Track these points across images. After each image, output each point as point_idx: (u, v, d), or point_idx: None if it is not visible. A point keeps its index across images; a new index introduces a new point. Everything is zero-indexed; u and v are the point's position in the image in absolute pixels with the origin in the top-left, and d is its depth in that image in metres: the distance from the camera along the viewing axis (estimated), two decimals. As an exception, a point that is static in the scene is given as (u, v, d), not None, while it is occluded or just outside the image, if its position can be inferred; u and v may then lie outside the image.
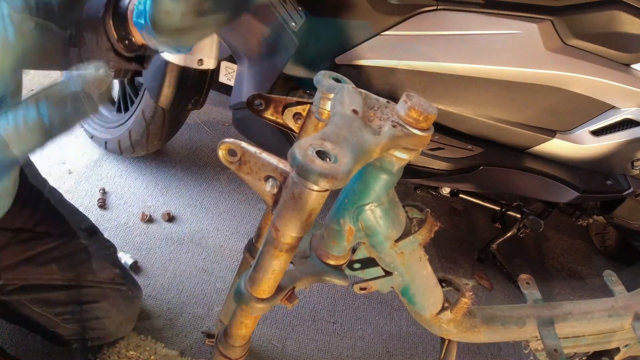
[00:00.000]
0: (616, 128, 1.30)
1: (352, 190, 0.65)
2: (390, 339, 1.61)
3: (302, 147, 0.44)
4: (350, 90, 0.58)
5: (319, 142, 0.45)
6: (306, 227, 0.51)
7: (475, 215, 2.15)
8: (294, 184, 0.48)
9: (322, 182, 0.43)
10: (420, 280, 0.79)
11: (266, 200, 0.57)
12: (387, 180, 0.63)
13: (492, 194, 1.76)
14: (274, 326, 1.54)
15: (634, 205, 1.60)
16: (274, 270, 0.56)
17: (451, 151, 1.30)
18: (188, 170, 1.93)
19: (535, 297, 1.02)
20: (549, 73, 1.18)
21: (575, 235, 2.20)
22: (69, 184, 1.76)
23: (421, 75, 1.17)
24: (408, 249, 0.71)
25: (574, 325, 0.97)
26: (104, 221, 1.68)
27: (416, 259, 0.75)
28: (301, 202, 0.48)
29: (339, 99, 0.56)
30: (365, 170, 0.63)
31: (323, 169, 0.42)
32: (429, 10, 1.15)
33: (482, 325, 0.93)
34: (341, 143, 0.47)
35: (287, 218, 0.50)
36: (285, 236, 0.51)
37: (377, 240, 0.70)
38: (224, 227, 1.78)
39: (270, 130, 1.27)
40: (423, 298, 0.83)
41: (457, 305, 0.86)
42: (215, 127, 2.15)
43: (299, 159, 0.43)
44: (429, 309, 0.86)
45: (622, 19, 1.16)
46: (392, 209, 0.67)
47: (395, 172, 0.62)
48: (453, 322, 0.90)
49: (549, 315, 0.96)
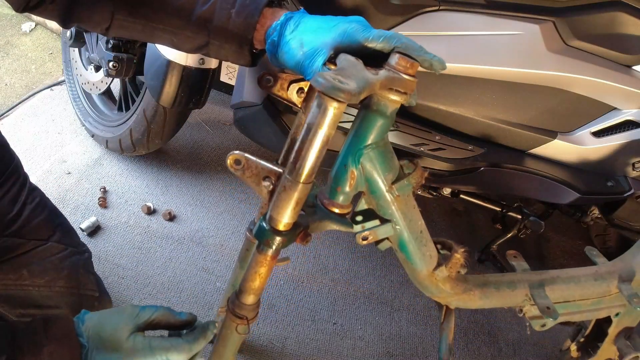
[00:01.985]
0: (617, 129, 1.30)
1: (353, 136, 0.77)
2: (390, 339, 1.61)
3: (324, 75, 0.58)
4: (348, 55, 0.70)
5: (335, 74, 0.60)
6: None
7: (475, 215, 2.15)
8: (285, 179, 0.65)
9: (342, 95, 0.57)
10: (416, 228, 0.87)
11: (263, 197, 0.71)
12: (383, 123, 0.75)
13: (492, 194, 1.76)
14: (274, 326, 1.54)
15: (634, 206, 1.60)
16: (294, 201, 0.67)
17: (452, 152, 1.30)
18: (189, 169, 1.93)
19: (524, 267, 1.08)
20: (550, 74, 1.18)
21: (576, 236, 2.20)
22: (70, 183, 1.77)
23: (422, 75, 1.17)
24: (403, 192, 0.81)
25: (563, 288, 1.04)
26: (105, 220, 1.68)
27: (411, 207, 0.85)
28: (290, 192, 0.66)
29: (343, 55, 0.69)
30: (364, 116, 0.76)
31: (343, 85, 0.58)
32: (430, 11, 1.15)
33: (477, 288, 0.99)
34: (350, 77, 0.61)
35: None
36: (304, 168, 0.65)
37: (375, 184, 0.80)
38: (224, 226, 1.78)
39: (270, 129, 1.27)
40: (419, 251, 0.89)
41: (451, 261, 0.92)
42: (217, 126, 2.15)
43: (324, 80, 0.57)
44: (425, 265, 0.91)
45: (624, 21, 1.16)
46: (387, 153, 0.79)
47: (389, 115, 0.74)
48: (449, 281, 0.95)
49: (539, 279, 1.04)
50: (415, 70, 0.70)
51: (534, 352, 1.72)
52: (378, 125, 0.75)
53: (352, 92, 0.58)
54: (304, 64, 0.72)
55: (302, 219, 0.73)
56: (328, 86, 0.57)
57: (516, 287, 1.01)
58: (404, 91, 0.71)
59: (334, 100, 0.59)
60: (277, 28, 0.76)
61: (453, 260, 0.92)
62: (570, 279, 1.05)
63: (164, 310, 0.73)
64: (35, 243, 1.04)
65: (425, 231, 0.90)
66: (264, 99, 1.24)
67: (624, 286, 1.05)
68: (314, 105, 0.63)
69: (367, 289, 1.74)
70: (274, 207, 0.68)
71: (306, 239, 0.73)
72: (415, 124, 1.28)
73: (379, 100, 0.73)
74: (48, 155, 1.85)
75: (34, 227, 1.05)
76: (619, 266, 1.10)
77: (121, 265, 1.57)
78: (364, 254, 1.84)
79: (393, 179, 0.80)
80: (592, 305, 1.07)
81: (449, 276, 0.95)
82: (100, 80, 1.81)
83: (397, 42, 0.70)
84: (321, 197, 0.80)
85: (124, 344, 0.68)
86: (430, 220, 2.07)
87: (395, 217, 0.83)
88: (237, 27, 0.78)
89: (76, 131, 1.96)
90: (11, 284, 1.02)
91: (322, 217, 0.78)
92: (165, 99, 1.46)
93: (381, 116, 0.74)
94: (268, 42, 0.77)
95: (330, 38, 0.71)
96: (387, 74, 0.68)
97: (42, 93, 2.11)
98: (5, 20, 2.49)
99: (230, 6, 0.78)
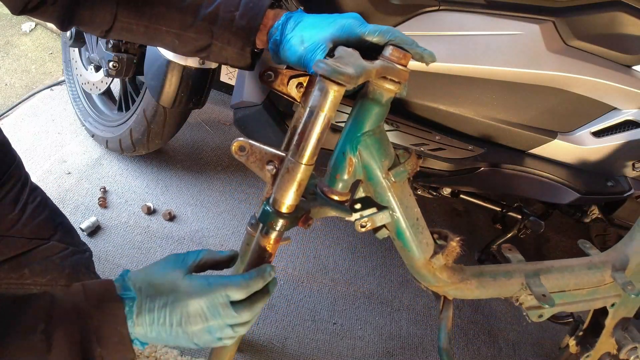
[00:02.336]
0: (617, 129, 1.30)
1: (351, 125, 0.81)
2: (390, 339, 1.61)
3: (325, 61, 0.63)
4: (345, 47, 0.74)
5: (335, 61, 0.65)
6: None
7: (475, 215, 2.15)
8: (288, 161, 0.69)
9: (342, 77, 0.61)
10: (412, 215, 0.89)
11: (267, 180, 0.74)
12: (378, 110, 0.79)
13: (492, 194, 1.76)
14: (274, 326, 1.54)
15: (634, 206, 1.60)
16: (297, 182, 0.70)
17: (452, 152, 1.30)
18: (189, 169, 1.93)
19: (519, 259, 1.10)
20: (550, 74, 1.18)
21: (576, 236, 2.20)
22: (70, 183, 1.77)
23: (422, 75, 1.17)
24: (399, 178, 0.84)
25: (558, 277, 1.05)
26: (105, 220, 1.68)
27: (407, 193, 0.88)
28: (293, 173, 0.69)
29: (341, 47, 0.73)
30: (360, 104, 0.80)
31: (342, 69, 0.62)
32: (430, 11, 1.15)
33: (473, 278, 1.01)
34: (348, 64, 0.65)
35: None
36: (307, 149, 0.68)
37: (372, 170, 0.83)
38: (224, 226, 1.78)
39: (270, 129, 1.27)
40: (416, 238, 0.90)
41: (448, 249, 0.94)
42: (217, 126, 2.15)
43: (325, 65, 0.62)
44: (422, 252, 0.92)
45: (624, 21, 1.16)
46: (382, 140, 0.83)
47: (384, 103, 0.79)
48: (446, 270, 0.97)
49: (534, 269, 1.05)
50: (407, 61, 0.75)
51: (534, 352, 1.72)
52: (374, 113, 0.80)
53: (351, 75, 0.62)
54: (305, 58, 0.75)
55: (304, 204, 0.76)
56: (329, 70, 0.62)
57: (512, 277, 1.03)
58: (398, 80, 0.76)
59: (335, 84, 0.63)
60: (279, 28, 0.79)
61: (449, 249, 0.94)
62: (564, 269, 1.07)
63: (207, 251, 0.74)
64: (36, 242, 1.05)
65: (421, 219, 0.92)
66: (264, 99, 1.24)
67: (618, 275, 1.07)
68: (315, 90, 0.67)
69: (367, 289, 1.74)
70: (278, 190, 0.71)
71: (308, 222, 0.76)
72: (415, 124, 1.28)
73: (375, 89, 0.78)
74: (48, 155, 1.85)
75: (35, 227, 1.05)
76: (612, 255, 1.11)
77: (121, 265, 1.57)
78: (364, 254, 1.84)
79: (389, 165, 0.84)
80: (588, 295, 1.09)
81: (446, 265, 0.96)
82: (100, 80, 1.81)
83: (391, 35, 0.74)
84: (321, 185, 0.83)
85: (180, 285, 0.67)
86: (430, 220, 2.07)
87: (392, 204, 0.86)
88: (240, 29, 0.81)
89: (76, 131, 1.96)
90: (13, 282, 1.02)
91: (322, 204, 0.81)
92: (165, 99, 1.46)
93: (377, 104, 0.79)
94: (270, 41, 0.80)
95: (329, 33, 0.75)
96: (382, 63, 0.73)
97: (42, 93, 2.11)
98: (5, 20, 2.49)
99: (234, 8, 0.81)
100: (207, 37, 0.82)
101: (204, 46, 0.84)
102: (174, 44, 0.84)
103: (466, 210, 2.16)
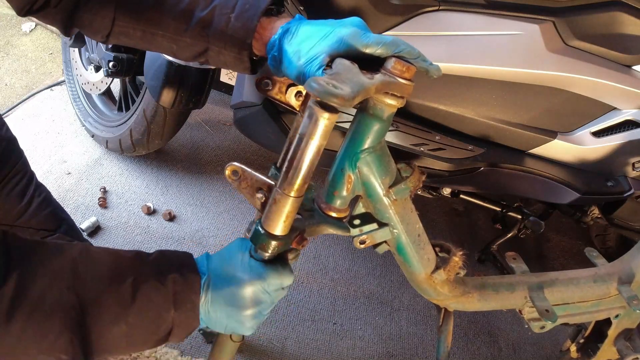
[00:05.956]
0: (617, 129, 1.29)
1: (350, 140, 0.76)
2: (390, 339, 1.61)
3: (317, 80, 0.56)
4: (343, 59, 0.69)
5: (329, 79, 0.58)
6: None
7: (475, 215, 2.15)
8: (276, 192, 0.66)
9: (335, 100, 0.55)
10: (413, 232, 0.86)
11: (257, 208, 0.72)
12: (379, 127, 0.74)
13: (492, 194, 1.76)
14: (274, 326, 1.54)
15: (634, 206, 1.60)
16: (284, 214, 0.67)
17: (452, 152, 1.30)
18: (189, 169, 1.93)
19: (523, 269, 1.08)
20: (550, 74, 1.17)
21: (576, 236, 2.20)
22: (70, 183, 1.77)
23: (423, 75, 1.17)
24: (400, 196, 0.80)
25: (562, 290, 1.03)
26: (105, 220, 1.68)
27: (408, 210, 0.85)
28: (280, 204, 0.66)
29: (338, 60, 0.67)
30: (360, 119, 0.75)
31: (336, 90, 0.56)
32: (430, 11, 1.15)
33: (475, 291, 0.99)
34: (345, 81, 0.59)
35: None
36: (295, 181, 0.65)
37: (372, 188, 0.79)
38: (224, 226, 1.78)
39: (270, 129, 1.27)
40: (417, 254, 0.88)
41: (450, 264, 0.92)
42: (217, 126, 2.15)
43: (318, 86, 0.56)
44: (423, 267, 0.91)
45: (624, 21, 1.16)
46: (383, 157, 0.78)
47: (385, 119, 0.73)
48: (447, 284, 0.95)
49: (537, 281, 1.03)
50: (411, 75, 0.70)
51: (534, 353, 1.72)
52: (374, 130, 0.74)
53: (346, 97, 0.57)
54: (303, 73, 0.72)
55: (299, 222, 0.73)
56: (321, 91, 0.56)
57: (515, 290, 1.01)
58: (400, 95, 0.70)
59: (325, 112, 0.59)
60: (276, 43, 0.76)
61: (451, 263, 0.92)
62: (569, 281, 1.05)
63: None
64: (43, 233, 1.08)
65: (423, 234, 0.89)
66: (264, 99, 1.24)
67: (624, 288, 1.05)
68: (305, 116, 0.62)
69: (367, 289, 1.74)
70: (265, 219, 0.68)
71: (302, 243, 0.73)
72: (415, 124, 1.28)
73: (375, 104, 0.72)
74: (48, 155, 1.85)
75: (42, 219, 1.08)
76: (619, 268, 1.09)
77: (121, 266, 1.57)
78: (364, 254, 1.84)
79: (390, 182, 0.80)
80: (592, 306, 1.07)
81: (447, 279, 0.94)
82: (100, 80, 1.81)
83: (397, 49, 0.70)
84: (318, 200, 0.79)
85: (238, 270, 0.71)
86: (430, 220, 2.07)
87: (392, 221, 0.83)
88: (236, 31, 0.79)
89: (76, 131, 1.96)
90: None
91: (320, 221, 0.77)
92: (165, 99, 1.46)
93: (377, 120, 0.74)
94: (269, 57, 0.77)
95: (327, 46, 0.71)
96: (383, 78, 0.67)
97: (42, 93, 2.11)
98: (5, 20, 2.49)
99: (230, 11, 0.79)
100: (203, 42, 0.81)
101: (201, 51, 0.82)
102: (172, 49, 0.83)
103: (466, 210, 2.16)
